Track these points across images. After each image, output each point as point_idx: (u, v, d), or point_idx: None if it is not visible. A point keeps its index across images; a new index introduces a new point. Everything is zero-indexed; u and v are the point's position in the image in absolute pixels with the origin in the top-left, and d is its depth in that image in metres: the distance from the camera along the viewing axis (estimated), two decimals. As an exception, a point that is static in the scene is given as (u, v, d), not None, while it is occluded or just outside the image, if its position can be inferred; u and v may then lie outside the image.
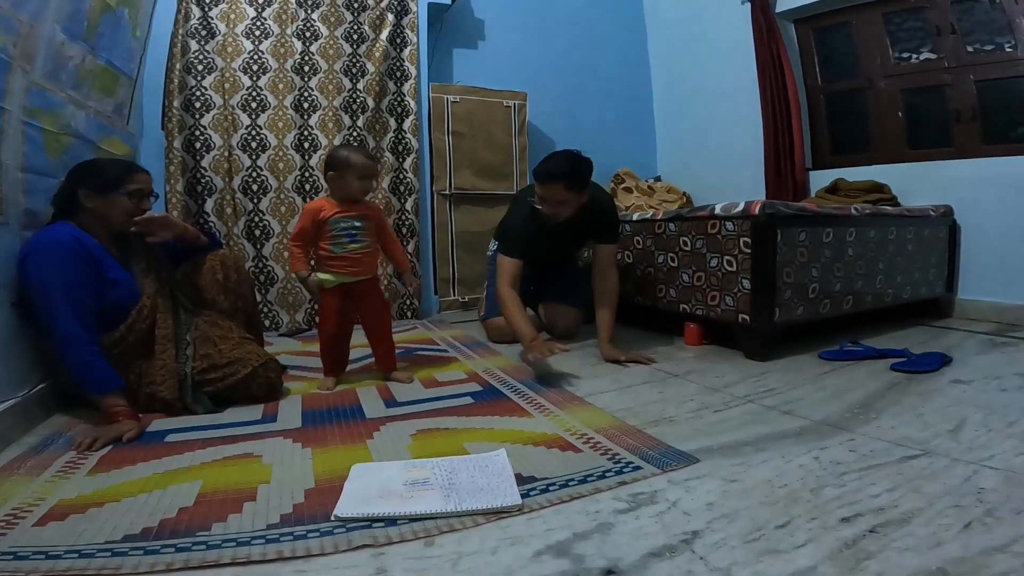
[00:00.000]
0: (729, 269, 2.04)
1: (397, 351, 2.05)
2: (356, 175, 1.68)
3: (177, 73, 2.62)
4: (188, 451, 1.24)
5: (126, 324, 1.49)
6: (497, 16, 3.69)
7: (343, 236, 1.71)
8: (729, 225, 2.03)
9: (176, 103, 2.62)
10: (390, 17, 3.05)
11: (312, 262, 1.79)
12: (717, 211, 2.07)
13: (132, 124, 2.36)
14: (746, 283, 1.98)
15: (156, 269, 1.63)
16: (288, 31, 2.86)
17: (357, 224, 1.72)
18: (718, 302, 2.09)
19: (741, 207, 1.98)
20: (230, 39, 2.75)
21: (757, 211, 1.93)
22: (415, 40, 3.13)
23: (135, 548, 0.85)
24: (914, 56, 2.92)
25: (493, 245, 2.52)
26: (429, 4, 3.20)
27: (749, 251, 1.96)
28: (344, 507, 0.96)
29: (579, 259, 2.69)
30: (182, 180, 2.64)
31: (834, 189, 2.92)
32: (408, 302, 3.11)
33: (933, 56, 2.83)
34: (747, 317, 1.98)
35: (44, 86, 1.60)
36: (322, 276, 1.72)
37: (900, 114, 2.99)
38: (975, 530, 0.84)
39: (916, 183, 2.78)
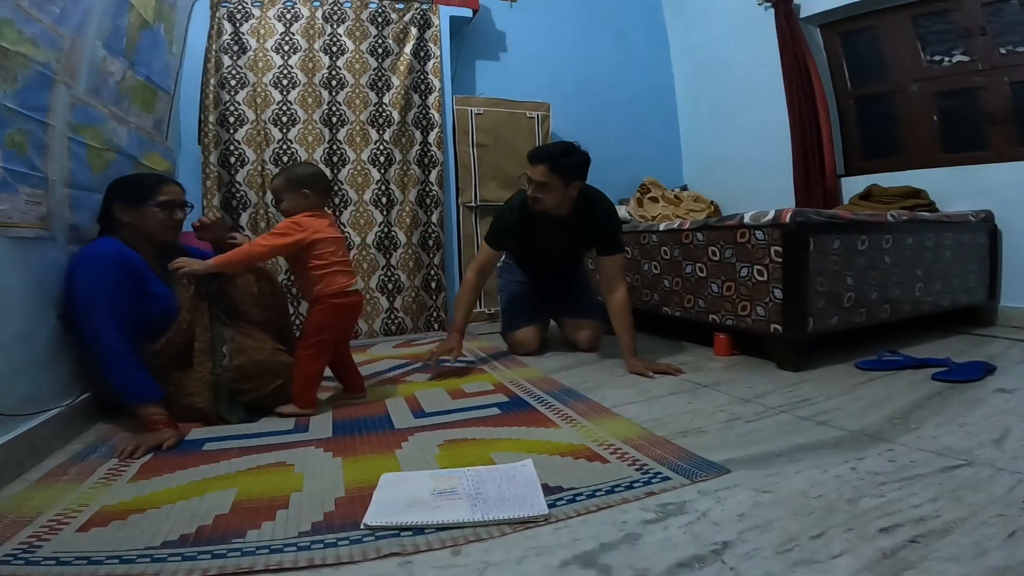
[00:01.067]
0: (760, 279, 2.01)
1: (424, 363, 2.09)
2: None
3: (212, 88, 2.73)
4: (224, 459, 1.28)
5: (166, 337, 1.55)
6: (518, 27, 3.74)
7: None
8: (759, 234, 2.00)
9: (212, 118, 2.72)
10: (413, 31, 3.12)
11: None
12: (746, 220, 2.05)
13: (170, 139, 2.41)
14: (778, 292, 1.94)
15: (195, 283, 1.68)
16: (315, 46, 2.94)
17: None
18: (749, 312, 2.06)
19: (771, 215, 1.96)
20: (261, 54, 2.85)
21: (788, 219, 1.90)
22: (438, 53, 3.18)
23: (173, 554, 0.87)
24: (946, 59, 2.86)
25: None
26: (451, 17, 3.25)
27: (780, 260, 1.93)
28: (373, 516, 0.97)
29: (588, 269, 2.69)
30: (218, 195, 2.73)
31: (868, 195, 2.85)
32: (434, 314, 3.14)
33: (966, 59, 2.76)
34: (779, 327, 1.94)
35: (87, 102, 1.65)
36: None
37: (934, 118, 2.91)
38: (1020, 540, 0.81)
39: (953, 188, 2.70)
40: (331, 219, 1.74)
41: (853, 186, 3.08)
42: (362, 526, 0.94)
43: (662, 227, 2.54)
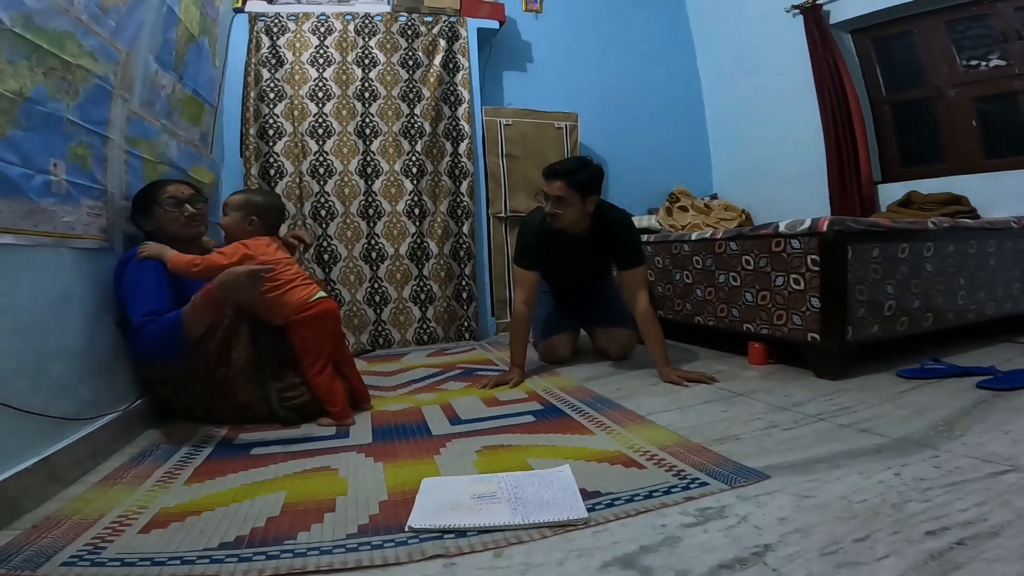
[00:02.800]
0: (796, 288, 1.99)
1: (457, 371, 2.11)
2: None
3: (252, 101, 2.84)
4: (272, 463, 1.33)
5: (207, 333, 1.58)
6: (544, 38, 3.79)
7: None
8: (795, 243, 1.99)
9: (252, 131, 2.83)
10: (442, 43, 3.19)
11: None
12: (781, 229, 2.03)
13: (215, 152, 2.46)
14: (815, 301, 1.92)
15: None
16: (348, 58, 3.03)
17: None
18: (785, 321, 2.04)
19: (807, 224, 1.94)
20: (297, 67, 2.95)
21: (825, 228, 1.88)
22: (467, 65, 3.24)
23: (230, 555, 0.91)
24: (983, 63, 2.80)
25: None
26: (478, 29, 3.31)
27: (817, 269, 1.91)
28: (417, 519, 1.00)
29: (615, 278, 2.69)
30: (259, 207, 2.83)
31: (907, 202, 2.80)
32: (466, 324, 3.18)
33: (1002, 63, 2.70)
34: (817, 336, 1.92)
35: (142, 115, 1.70)
36: None
37: (974, 123, 2.85)
38: (1069, 543, 0.79)
39: (995, 194, 2.63)
40: (274, 240, 1.76)
41: (891, 193, 3.03)
42: (406, 529, 0.97)
43: (694, 236, 2.53)
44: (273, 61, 2.91)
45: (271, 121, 2.88)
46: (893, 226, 2.05)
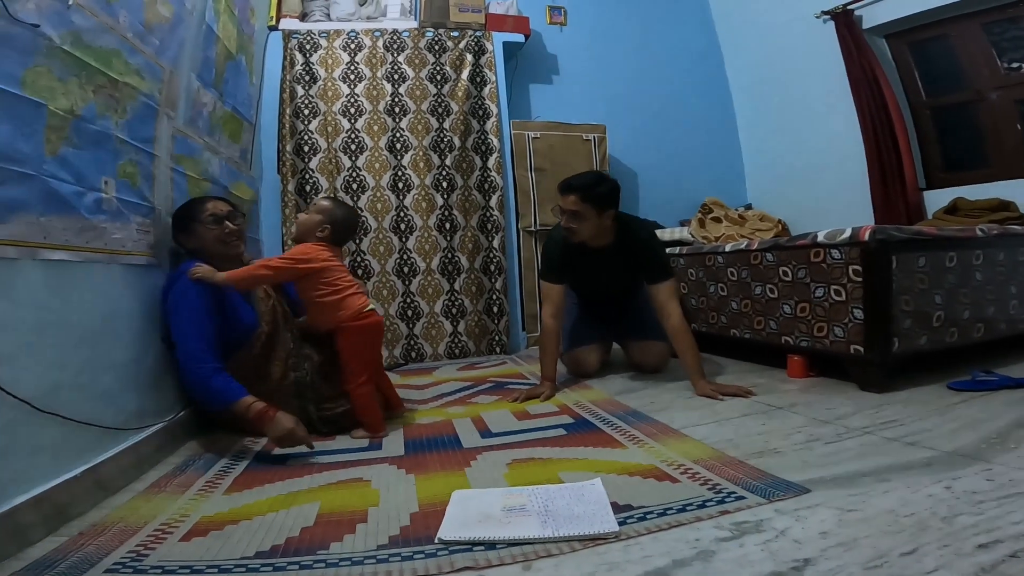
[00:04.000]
0: (837, 299, 1.93)
1: (488, 385, 2.11)
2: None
3: (288, 118, 2.93)
4: (307, 474, 1.35)
5: (246, 349, 1.65)
6: (570, 50, 3.80)
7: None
8: (835, 253, 1.93)
9: (289, 147, 2.92)
10: (469, 57, 3.24)
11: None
12: (820, 239, 1.98)
13: (254, 168, 2.51)
14: (858, 313, 1.86)
15: (275, 298, 1.79)
16: (378, 74, 3.10)
17: None
18: (826, 333, 1.98)
19: (848, 233, 1.88)
20: (329, 83, 3.03)
21: (867, 237, 1.83)
22: (493, 78, 3.28)
23: (265, 564, 0.93)
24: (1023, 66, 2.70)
25: None
26: (504, 42, 3.34)
27: (860, 279, 1.85)
28: (447, 531, 1.00)
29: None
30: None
31: (954, 209, 2.69)
32: (496, 338, 3.18)
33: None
34: (860, 348, 1.85)
35: (186, 132, 1.74)
36: None
37: (1018, 126, 2.73)
38: None
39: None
40: (333, 250, 1.80)
41: (937, 200, 2.91)
42: (436, 540, 0.97)
43: (728, 248, 2.49)
44: (307, 78, 3.00)
45: (306, 137, 2.97)
46: (939, 234, 1.98)
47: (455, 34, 3.24)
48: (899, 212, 2.98)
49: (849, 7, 3.16)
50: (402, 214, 3.08)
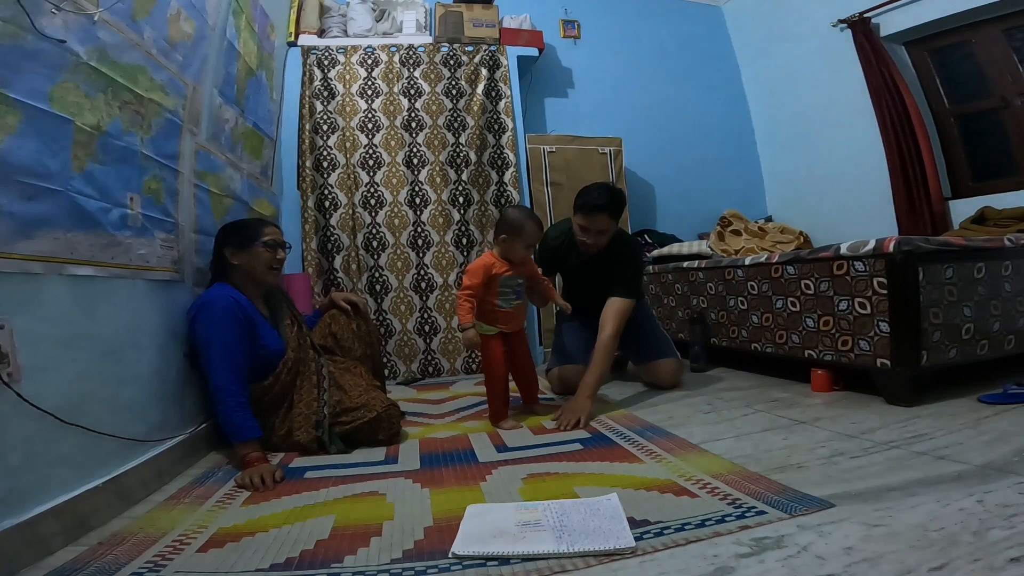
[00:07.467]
0: (862, 312, 1.88)
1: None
2: (525, 243, 1.81)
3: (307, 133, 2.97)
4: (323, 487, 1.35)
5: (274, 375, 1.67)
6: (584, 63, 3.82)
7: (510, 293, 1.85)
8: (859, 265, 1.89)
9: (308, 163, 2.96)
10: (483, 72, 3.26)
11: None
12: (843, 251, 1.94)
13: (274, 184, 2.53)
14: (883, 326, 1.81)
15: (298, 323, 1.82)
16: (395, 89, 3.14)
17: (520, 282, 1.87)
18: (851, 347, 1.93)
19: (872, 245, 1.85)
20: (347, 99, 3.08)
21: (892, 248, 1.79)
22: (508, 93, 3.30)
23: (279, 577, 0.93)
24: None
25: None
26: (518, 57, 3.37)
27: (885, 292, 1.81)
28: (461, 545, 0.99)
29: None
30: (315, 238, 2.94)
31: (981, 219, 2.63)
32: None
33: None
34: (887, 361, 1.80)
35: (208, 148, 1.75)
36: (486, 327, 1.85)
37: (1046, 132, 2.67)
38: None
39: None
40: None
41: (964, 209, 2.85)
42: (450, 555, 0.96)
43: (748, 261, 2.46)
44: (325, 93, 3.06)
45: (325, 153, 3.01)
46: (967, 244, 1.93)
47: (470, 49, 3.28)
48: (924, 222, 2.93)
49: (865, 15, 3.14)
50: (419, 229, 3.10)
